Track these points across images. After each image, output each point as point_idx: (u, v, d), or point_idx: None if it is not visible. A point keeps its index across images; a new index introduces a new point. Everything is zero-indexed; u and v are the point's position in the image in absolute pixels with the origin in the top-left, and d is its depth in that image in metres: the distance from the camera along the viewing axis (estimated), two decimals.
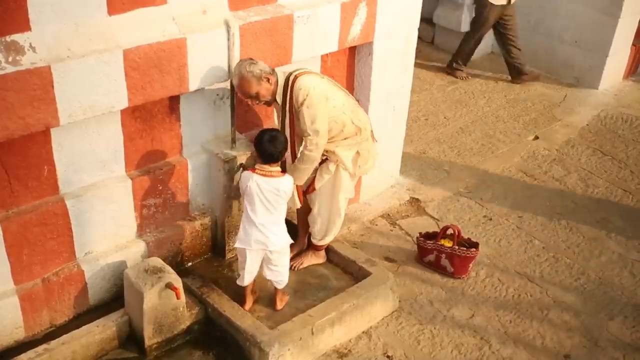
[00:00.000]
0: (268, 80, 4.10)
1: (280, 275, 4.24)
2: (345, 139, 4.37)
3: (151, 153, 4.35)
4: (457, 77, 8.14)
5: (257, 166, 4.04)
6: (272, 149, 3.97)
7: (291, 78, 4.16)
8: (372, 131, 4.56)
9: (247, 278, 4.20)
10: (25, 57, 3.47)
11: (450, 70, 8.19)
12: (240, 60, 4.14)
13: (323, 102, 4.17)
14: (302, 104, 4.12)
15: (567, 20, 7.95)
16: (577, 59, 8.01)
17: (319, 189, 4.49)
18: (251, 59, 4.11)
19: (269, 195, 4.00)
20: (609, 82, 7.99)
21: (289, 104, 4.18)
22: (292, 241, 4.27)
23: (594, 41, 7.78)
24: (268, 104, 4.29)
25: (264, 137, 3.99)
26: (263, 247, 4.09)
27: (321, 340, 4.23)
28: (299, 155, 4.25)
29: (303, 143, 4.21)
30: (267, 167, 4.01)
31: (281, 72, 4.22)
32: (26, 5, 3.43)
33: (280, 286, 4.29)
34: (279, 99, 4.21)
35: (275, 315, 4.30)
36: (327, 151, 4.34)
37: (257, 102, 4.19)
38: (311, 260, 4.75)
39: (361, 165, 4.50)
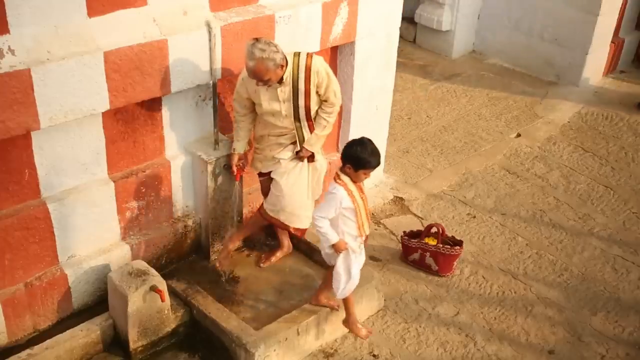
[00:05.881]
0: (282, 67, 4.03)
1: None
2: None
3: (133, 155, 4.32)
4: None
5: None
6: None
7: (302, 58, 4.12)
8: None
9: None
10: (4, 60, 3.43)
11: None
12: (261, 41, 3.92)
13: None
14: (327, 76, 4.17)
15: (547, 18, 8.00)
16: (557, 56, 8.06)
17: (311, 184, 4.43)
18: (273, 43, 3.97)
19: None
20: (589, 79, 8.05)
21: (304, 81, 4.13)
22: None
23: (573, 39, 7.83)
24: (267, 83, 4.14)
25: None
26: None
27: (307, 341, 4.23)
28: (319, 123, 4.27)
29: (322, 111, 4.25)
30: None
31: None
32: (4, 8, 3.40)
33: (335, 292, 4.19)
34: (288, 79, 4.12)
35: (260, 317, 4.29)
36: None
37: (262, 84, 4.08)
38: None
39: None
